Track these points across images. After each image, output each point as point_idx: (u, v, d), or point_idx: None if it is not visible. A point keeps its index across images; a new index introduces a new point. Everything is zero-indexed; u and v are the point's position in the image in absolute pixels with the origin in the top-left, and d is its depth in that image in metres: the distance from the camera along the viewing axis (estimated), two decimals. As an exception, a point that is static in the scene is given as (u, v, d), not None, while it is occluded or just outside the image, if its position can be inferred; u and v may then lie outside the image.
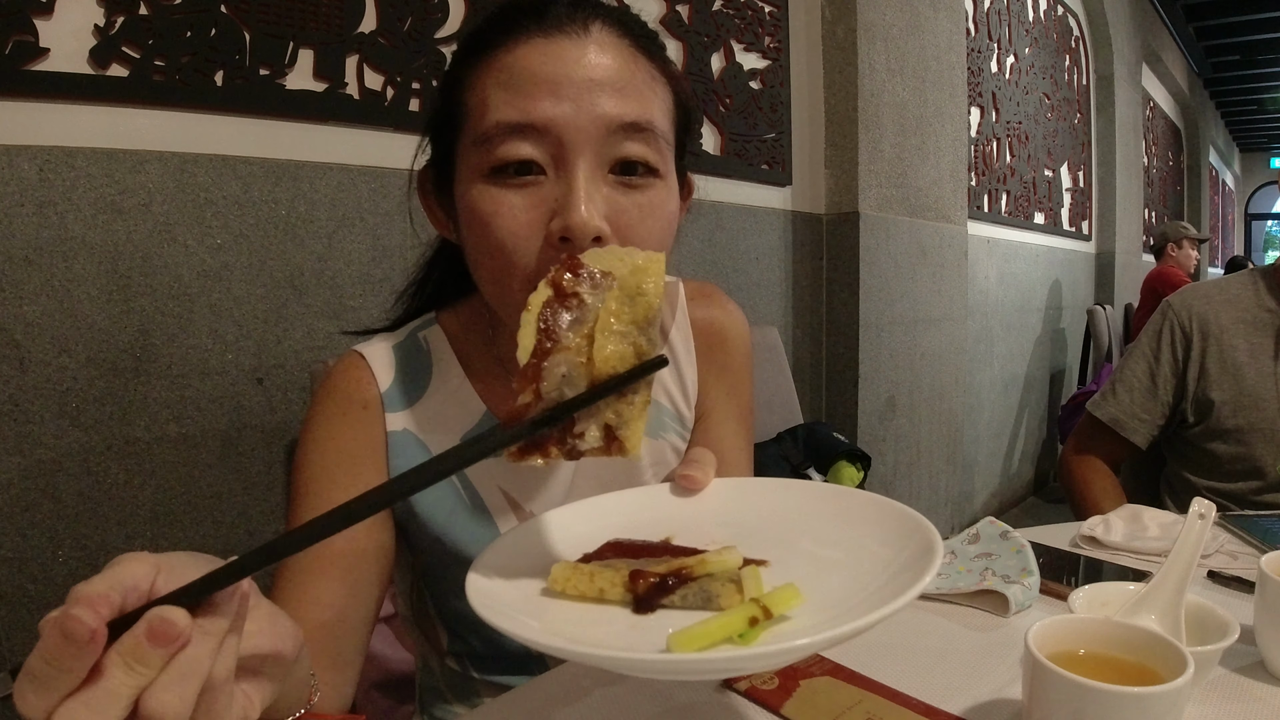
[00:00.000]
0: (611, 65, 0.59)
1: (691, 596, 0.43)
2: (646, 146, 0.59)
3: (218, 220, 1.17)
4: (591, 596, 0.44)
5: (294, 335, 1.25)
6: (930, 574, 0.40)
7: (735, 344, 0.82)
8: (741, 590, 0.42)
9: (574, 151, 0.57)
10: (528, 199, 0.57)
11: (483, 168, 0.59)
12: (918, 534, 0.45)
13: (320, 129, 1.28)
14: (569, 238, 0.55)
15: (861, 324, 2.30)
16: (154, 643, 0.32)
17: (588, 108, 0.57)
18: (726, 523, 0.53)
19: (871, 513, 0.49)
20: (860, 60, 2.23)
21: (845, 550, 0.47)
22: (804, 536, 0.50)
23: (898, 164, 2.41)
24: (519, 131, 0.57)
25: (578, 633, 0.41)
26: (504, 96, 0.58)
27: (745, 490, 0.57)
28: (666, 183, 0.62)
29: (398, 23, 1.36)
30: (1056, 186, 4.12)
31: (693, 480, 0.55)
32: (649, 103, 0.60)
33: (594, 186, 0.57)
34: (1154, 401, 1.36)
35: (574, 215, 0.55)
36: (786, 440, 1.58)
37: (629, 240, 0.59)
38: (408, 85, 1.38)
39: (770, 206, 2.19)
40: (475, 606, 0.40)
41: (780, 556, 0.47)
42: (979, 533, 0.88)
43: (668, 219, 0.62)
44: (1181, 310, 1.36)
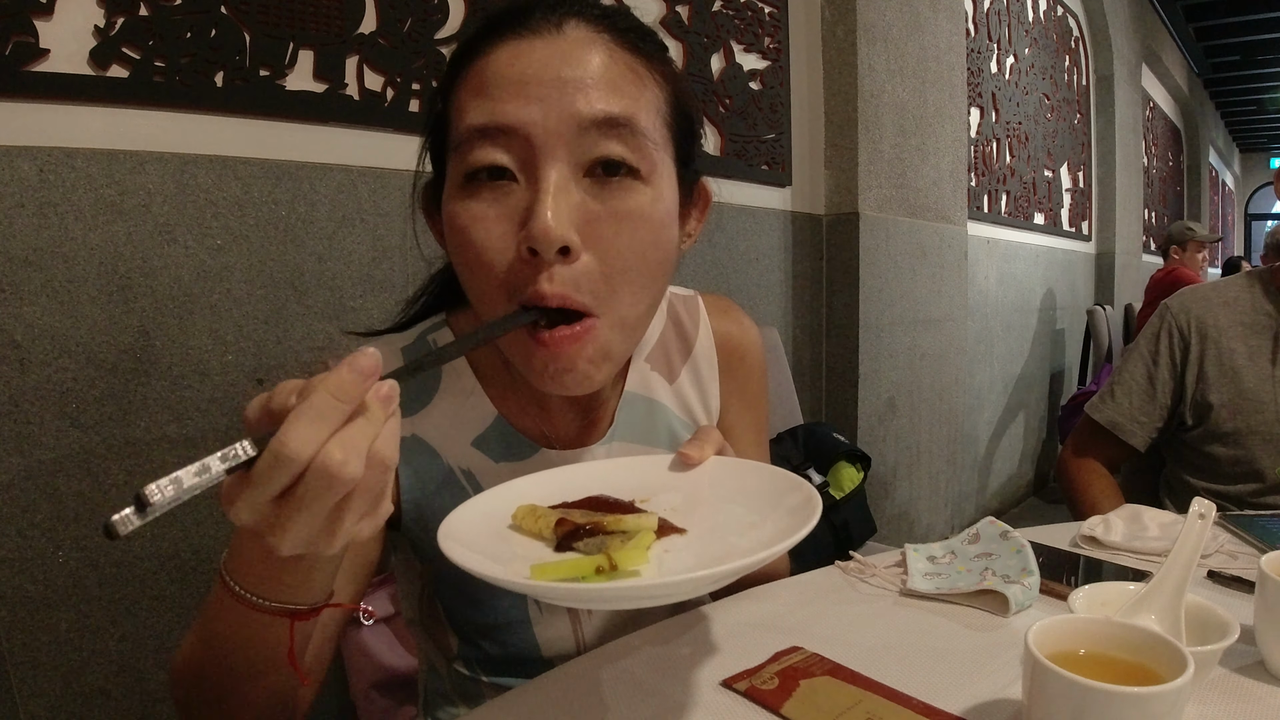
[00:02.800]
0: (584, 61, 0.56)
1: (593, 545, 0.52)
2: (625, 145, 0.56)
3: (218, 221, 1.17)
4: (534, 533, 0.54)
5: (294, 336, 1.25)
6: (727, 566, 0.44)
7: (753, 360, 0.82)
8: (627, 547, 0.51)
9: (543, 154, 0.55)
10: (499, 209, 0.56)
11: (458, 177, 0.57)
12: (793, 530, 0.49)
13: (320, 130, 1.28)
14: (536, 249, 0.54)
15: (861, 324, 2.30)
16: (383, 403, 0.41)
17: (556, 106, 0.54)
18: (689, 494, 0.60)
19: (792, 517, 0.53)
20: (860, 61, 2.23)
21: (753, 531, 0.54)
22: (736, 515, 0.56)
23: (898, 164, 2.41)
24: (486, 135, 0.55)
25: (491, 555, 0.50)
26: (474, 103, 0.56)
27: (728, 471, 0.62)
28: (653, 187, 0.58)
29: (398, 23, 1.36)
30: (1056, 187, 4.12)
31: (688, 457, 0.61)
32: (628, 98, 0.57)
33: (563, 192, 0.54)
34: (1152, 404, 1.36)
35: (536, 225, 0.53)
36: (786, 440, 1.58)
37: (605, 252, 0.56)
38: (408, 86, 1.38)
39: (770, 207, 2.19)
40: (440, 532, 0.49)
41: (706, 531, 0.55)
42: (979, 533, 0.88)
43: (654, 228, 0.58)
44: (1180, 313, 1.36)
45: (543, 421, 0.72)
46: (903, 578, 0.81)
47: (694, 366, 0.79)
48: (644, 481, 0.61)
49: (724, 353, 0.80)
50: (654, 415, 0.76)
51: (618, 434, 0.74)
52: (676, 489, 0.61)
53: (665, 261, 0.61)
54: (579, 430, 0.73)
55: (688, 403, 0.78)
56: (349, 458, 0.38)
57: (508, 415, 0.71)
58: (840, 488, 1.56)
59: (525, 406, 0.72)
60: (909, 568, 0.82)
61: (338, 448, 0.38)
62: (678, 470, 0.62)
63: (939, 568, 0.82)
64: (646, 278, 0.60)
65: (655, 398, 0.77)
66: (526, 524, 0.55)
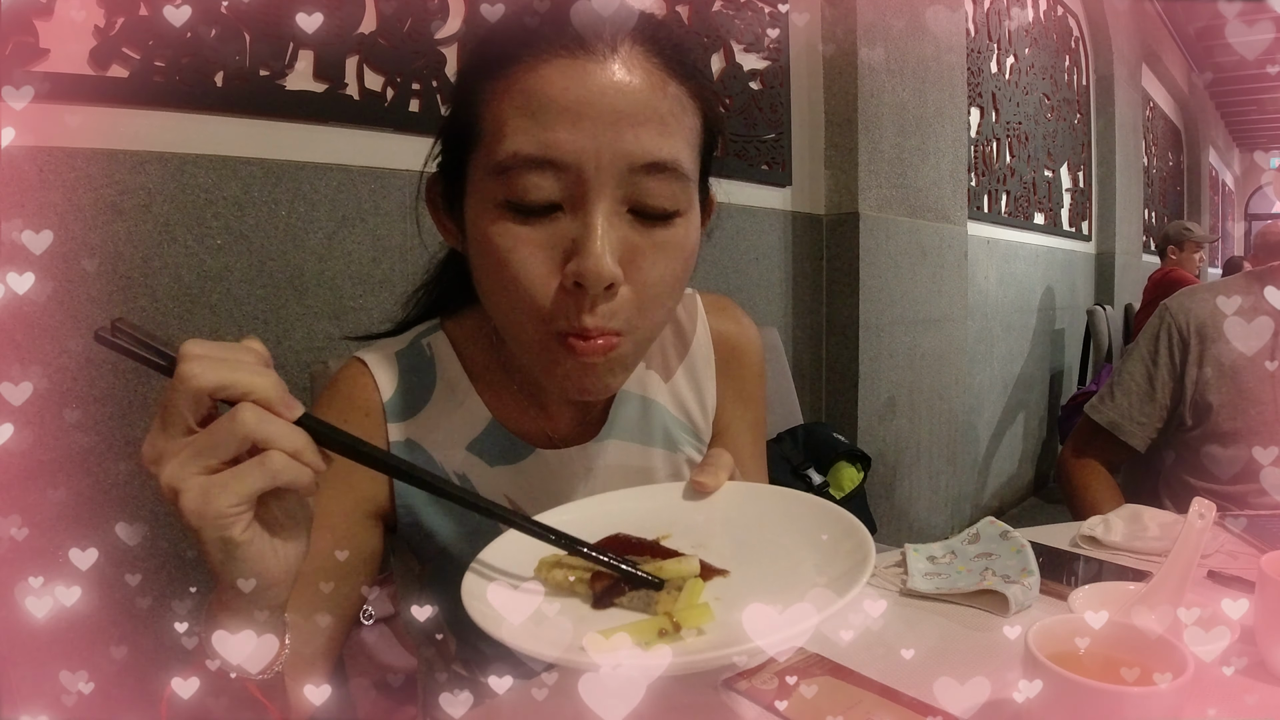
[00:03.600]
0: (638, 94, 0.55)
1: (637, 600, 0.49)
2: (668, 188, 0.56)
3: (218, 221, 1.17)
4: (565, 588, 0.50)
5: (294, 336, 1.25)
6: (824, 613, 0.43)
7: (751, 359, 0.82)
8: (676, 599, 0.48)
9: (593, 189, 0.54)
10: (544, 236, 0.55)
11: (497, 197, 0.56)
12: (856, 569, 0.48)
13: (320, 130, 1.28)
14: (582, 284, 0.54)
15: (861, 324, 2.30)
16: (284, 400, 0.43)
17: (610, 143, 0.54)
18: (719, 528, 0.57)
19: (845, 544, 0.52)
20: (860, 60, 2.22)
21: (800, 569, 0.51)
22: (771, 546, 0.54)
23: (897, 164, 2.41)
24: (537, 165, 0.54)
25: (529, 622, 0.47)
26: (522, 124, 0.54)
27: (748, 497, 0.60)
28: (687, 219, 0.59)
29: (398, 23, 1.36)
30: (1056, 187, 4.12)
31: (703, 486, 0.59)
32: (675, 138, 0.57)
33: (610, 229, 0.55)
34: (1152, 405, 1.36)
35: (588, 263, 0.53)
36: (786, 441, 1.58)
37: (641, 282, 0.57)
38: (408, 86, 1.38)
39: (770, 207, 2.19)
40: (463, 595, 0.47)
41: (749, 569, 0.52)
42: (979, 533, 0.88)
43: (686, 256, 0.60)
44: (1179, 313, 1.36)
45: (539, 419, 0.72)
46: (903, 578, 0.81)
47: (691, 365, 0.79)
48: (658, 514, 0.58)
49: (722, 351, 0.80)
50: (649, 414, 0.76)
51: (612, 432, 0.74)
52: (694, 521, 0.58)
53: (687, 281, 0.63)
54: (574, 428, 0.74)
55: (683, 401, 0.78)
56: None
57: (502, 417, 0.71)
58: (840, 488, 1.56)
59: (520, 406, 0.72)
60: (909, 567, 0.82)
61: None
62: (691, 499, 0.60)
63: (939, 568, 0.82)
64: (673, 301, 0.62)
65: (650, 396, 0.77)
66: (554, 578, 0.51)
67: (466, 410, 0.70)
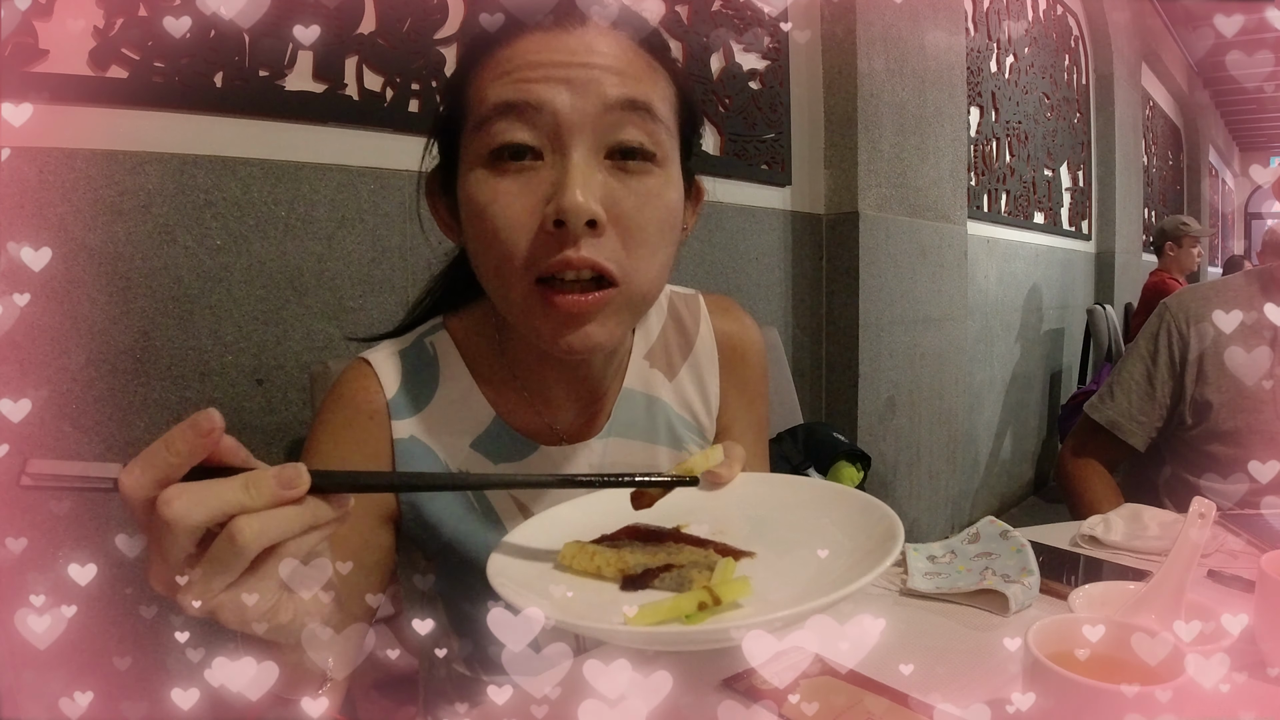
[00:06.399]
0: (609, 50, 0.59)
1: (670, 580, 0.49)
2: (644, 130, 0.59)
3: (217, 221, 1.17)
4: (591, 573, 0.51)
5: (294, 336, 1.25)
6: (863, 579, 0.45)
7: (754, 358, 0.83)
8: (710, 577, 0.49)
9: (570, 133, 0.56)
10: (523, 184, 0.57)
11: (481, 152, 0.58)
12: (887, 540, 0.49)
13: (320, 130, 1.28)
14: (563, 221, 0.55)
15: (861, 324, 2.30)
16: (281, 485, 0.41)
17: (583, 86, 0.57)
18: (736, 515, 0.59)
19: (859, 520, 0.54)
20: (860, 60, 2.22)
21: (825, 546, 0.52)
22: (795, 531, 0.55)
23: (897, 164, 2.41)
24: (514, 111, 0.57)
25: (567, 603, 0.48)
26: (499, 82, 0.58)
27: (762, 486, 0.61)
28: (666, 172, 0.61)
29: (397, 24, 1.36)
30: (1056, 186, 4.11)
31: (718, 478, 0.60)
32: (647, 86, 0.60)
33: (590, 170, 0.57)
34: (1151, 404, 1.36)
35: (567, 198, 0.55)
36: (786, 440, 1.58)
37: (626, 228, 0.58)
38: (408, 86, 1.38)
39: (770, 206, 2.18)
40: (490, 575, 0.48)
41: (774, 550, 0.53)
42: (979, 532, 0.88)
43: (667, 209, 0.61)
44: (1179, 312, 1.36)
45: (542, 414, 0.72)
46: (903, 577, 0.81)
47: (694, 364, 0.79)
48: (674, 504, 0.58)
49: (725, 351, 0.81)
50: (653, 411, 0.77)
51: (615, 429, 0.74)
52: (709, 509, 0.59)
53: (675, 242, 0.64)
54: (577, 424, 0.74)
55: (688, 400, 0.79)
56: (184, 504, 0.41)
57: (505, 414, 0.71)
58: (840, 487, 1.56)
59: (524, 401, 0.72)
60: (909, 567, 0.82)
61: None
62: (702, 489, 0.61)
63: (939, 567, 0.82)
64: (662, 253, 0.62)
65: (655, 394, 0.77)
66: (578, 564, 0.52)
67: (470, 408, 0.71)
